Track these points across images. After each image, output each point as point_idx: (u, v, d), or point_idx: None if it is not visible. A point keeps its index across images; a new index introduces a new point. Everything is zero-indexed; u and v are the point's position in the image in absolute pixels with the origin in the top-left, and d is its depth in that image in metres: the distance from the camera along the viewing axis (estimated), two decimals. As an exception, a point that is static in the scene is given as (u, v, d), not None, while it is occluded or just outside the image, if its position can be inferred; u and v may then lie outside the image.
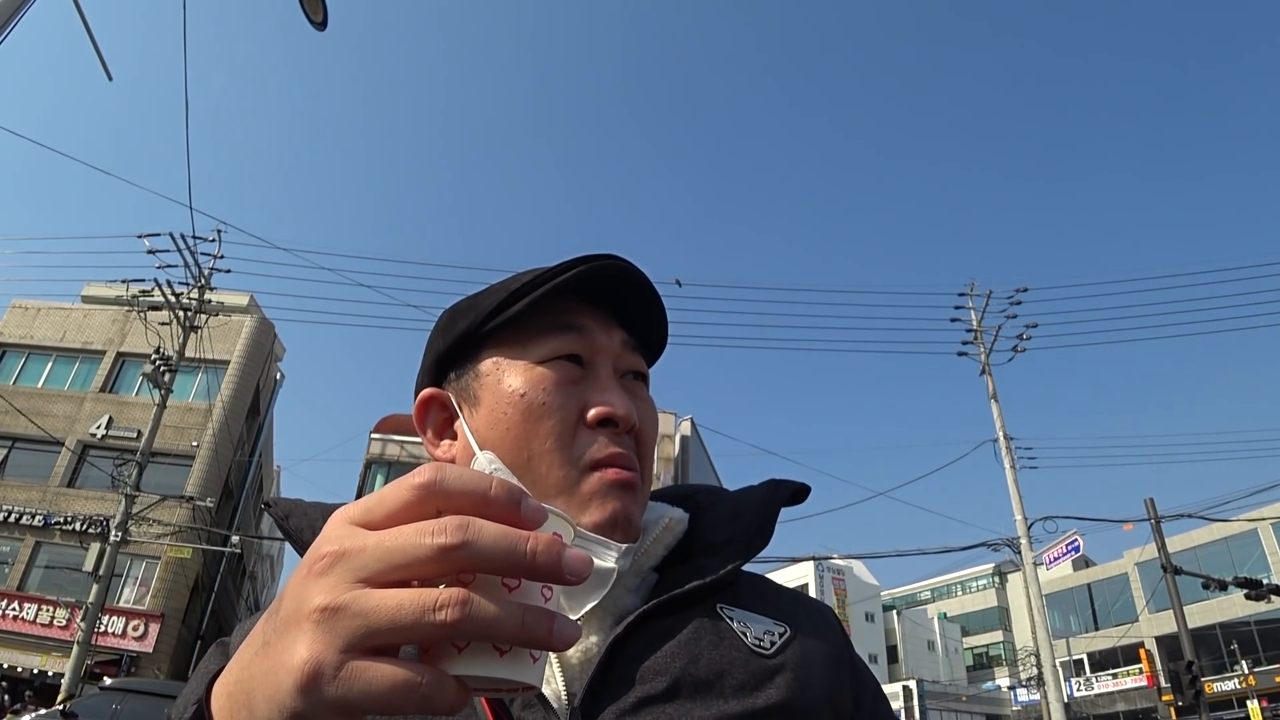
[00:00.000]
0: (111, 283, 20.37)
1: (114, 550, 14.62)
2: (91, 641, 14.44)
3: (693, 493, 0.80)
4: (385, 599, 0.31)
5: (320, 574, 0.33)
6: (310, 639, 0.32)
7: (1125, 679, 33.38)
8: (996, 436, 17.09)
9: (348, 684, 0.31)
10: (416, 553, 0.32)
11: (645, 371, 0.74)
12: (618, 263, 0.68)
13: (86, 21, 6.17)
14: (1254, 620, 29.46)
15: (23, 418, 18.06)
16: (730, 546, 0.70)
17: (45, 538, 20.16)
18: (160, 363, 16.00)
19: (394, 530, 0.33)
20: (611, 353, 0.70)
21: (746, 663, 0.61)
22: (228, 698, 0.36)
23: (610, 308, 0.72)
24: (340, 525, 0.35)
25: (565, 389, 0.67)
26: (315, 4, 5.89)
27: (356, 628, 0.31)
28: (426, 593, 0.31)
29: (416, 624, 0.31)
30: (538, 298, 0.67)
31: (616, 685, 0.58)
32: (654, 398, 0.77)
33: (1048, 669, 15.49)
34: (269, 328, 24.78)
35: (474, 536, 0.32)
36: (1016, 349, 18.18)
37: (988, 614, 50.15)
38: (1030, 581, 16.00)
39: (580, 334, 0.69)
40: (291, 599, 0.34)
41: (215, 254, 17.78)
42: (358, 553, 0.33)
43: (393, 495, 0.35)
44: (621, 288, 0.70)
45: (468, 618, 0.31)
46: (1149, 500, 16.97)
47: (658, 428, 0.74)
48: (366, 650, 0.32)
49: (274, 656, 0.33)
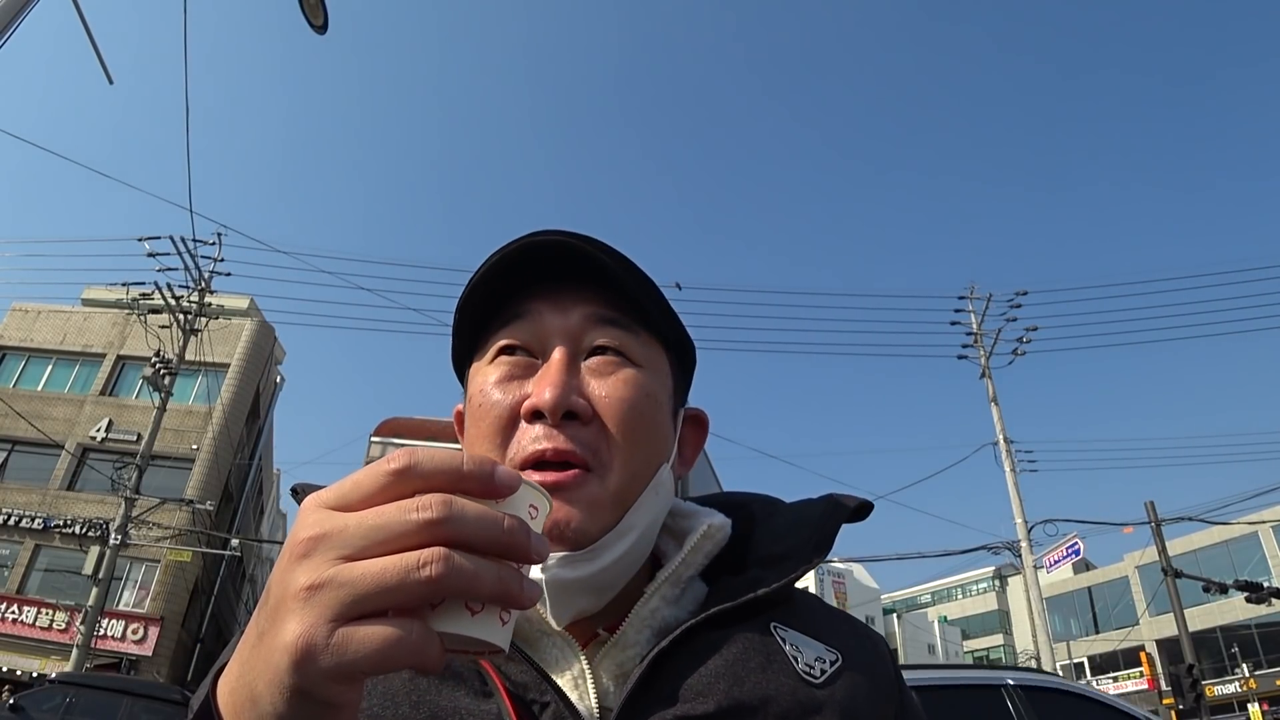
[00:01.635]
0: (112, 286, 20.44)
1: (114, 553, 14.62)
2: (91, 645, 14.43)
3: (747, 501, 0.76)
4: (369, 566, 0.33)
5: (303, 556, 0.34)
6: (299, 616, 0.33)
7: (1126, 682, 33.31)
8: (997, 439, 17.09)
9: (342, 650, 0.32)
10: (401, 528, 0.33)
11: (617, 344, 0.63)
12: (543, 238, 0.61)
13: (87, 24, 6.18)
14: (1255, 623, 29.43)
15: (22, 421, 18.05)
16: (788, 560, 0.65)
17: (45, 541, 20.14)
18: (160, 366, 16.00)
19: (375, 509, 0.34)
20: (567, 333, 0.62)
21: (794, 691, 0.57)
22: (231, 693, 0.37)
23: (576, 281, 0.64)
24: (315, 510, 0.36)
25: (503, 385, 0.62)
26: (316, 8, 5.91)
27: (344, 597, 0.32)
28: (407, 555, 0.33)
29: (402, 584, 0.32)
30: (488, 292, 0.63)
31: (655, 702, 0.55)
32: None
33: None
34: (269, 331, 24.78)
35: (458, 512, 0.34)
36: (1016, 352, 18.20)
37: (988, 617, 50.09)
38: (1031, 585, 15.99)
39: (523, 320, 0.63)
40: (278, 586, 0.35)
41: (215, 257, 17.83)
42: (339, 532, 0.34)
43: (368, 479, 0.36)
44: (576, 260, 0.62)
45: (451, 572, 0.33)
46: (1149, 503, 16.97)
47: (640, 405, 0.62)
48: (354, 619, 0.33)
49: (269, 642, 0.34)
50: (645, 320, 0.65)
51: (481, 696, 0.55)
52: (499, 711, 0.54)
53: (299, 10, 5.87)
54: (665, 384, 0.66)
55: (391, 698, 0.54)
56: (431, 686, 0.55)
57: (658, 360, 0.66)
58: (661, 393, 0.65)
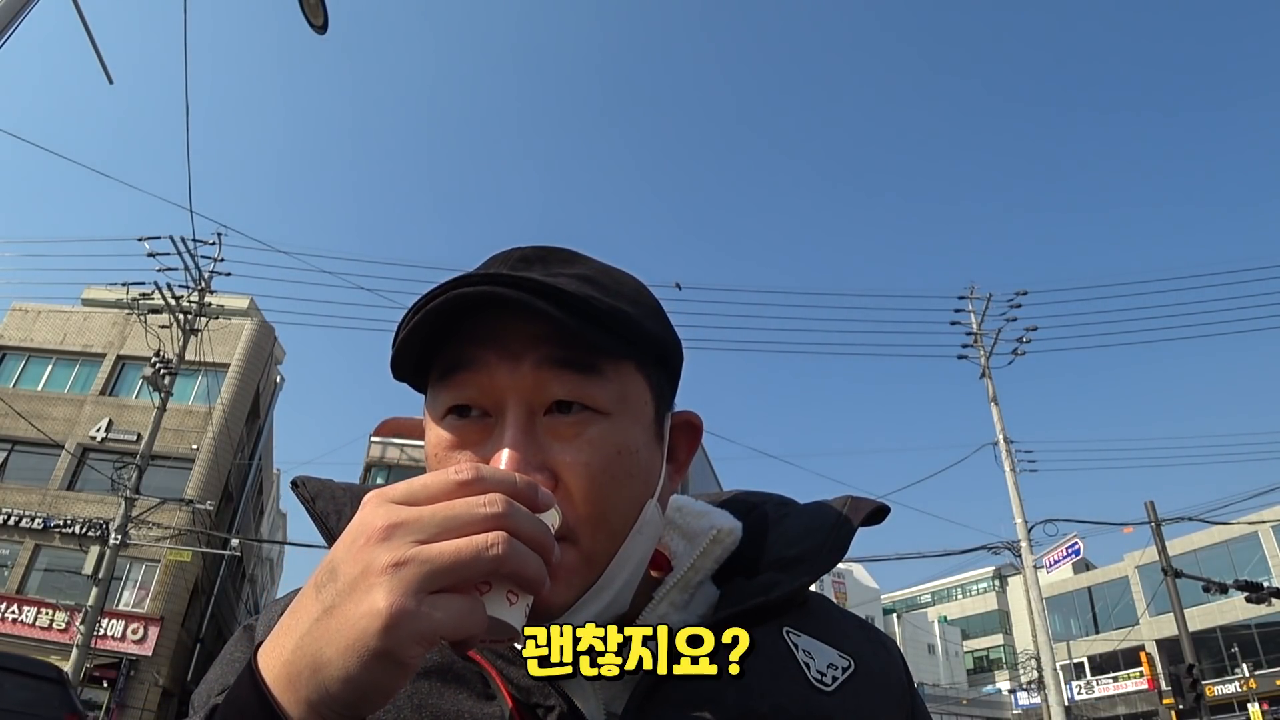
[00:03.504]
0: (112, 286, 20.43)
1: (113, 553, 14.62)
2: (91, 645, 14.43)
3: (760, 502, 0.75)
4: (445, 547, 0.39)
5: (382, 540, 0.39)
6: (387, 588, 0.38)
7: (1126, 682, 33.31)
8: (997, 439, 17.10)
9: (429, 617, 0.37)
10: (470, 518, 0.40)
11: (577, 394, 0.55)
12: (471, 290, 0.53)
13: (87, 24, 6.18)
14: (1255, 623, 29.41)
15: (22, 421, 18.05)
16: (802, 564, 0.65)
17: (45, 541, 20.15)
18: (160, 366, 16.00)
19: (448, 503, 0.41)
20: (520, 389, 0.55)
21: (805, 698, 0.57)
22: (285, 664, 0.39)
23: (525, 317, 0.55)
24: (384, 504, 0.41)
25: (459, 451, 0.56)
26: (316, 8, 5.91)
27: (426, 572, 0.38)
28: (477, 537, 0.39)
29: (475, 560, 0.39)
30: (421, 340, 0.56)
31: (662, 708, 0.54)
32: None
33: (1048, 672, 15.48)
34: (269, 331, 24.79)
35: (516, 510, 0.41)
36: (1016, 352, 18.20)
37: (988, 617, 50.09)
38: (1030, 585, 15.99)
39: (469, 371, 0.55)
40: (355, 564, 0.39)
41: (215, 257, 17.82)
42: (414, 520, 0.40)
43: (437, 484, 0.42)
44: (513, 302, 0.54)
45: (512, 553, 0.40)
46: (1149, 503, 16.97)
47: (610, 465, 0.56)
48: (434, 591, 0.38)
49: (345, 613, 0.38)
50: (609, 351, 0.57)
51: (484, 699, 0.54)
52: (502, 714, 0.53)
53: (299, 10, 5.87)
54: (642, 415, 0.59)
55: (394, 701, 0.53)
56: (434, 689, 0.54)
57: (630, 393, 0.58)
58: (636, 434, 0.58)
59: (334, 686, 0.38)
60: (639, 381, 0.60)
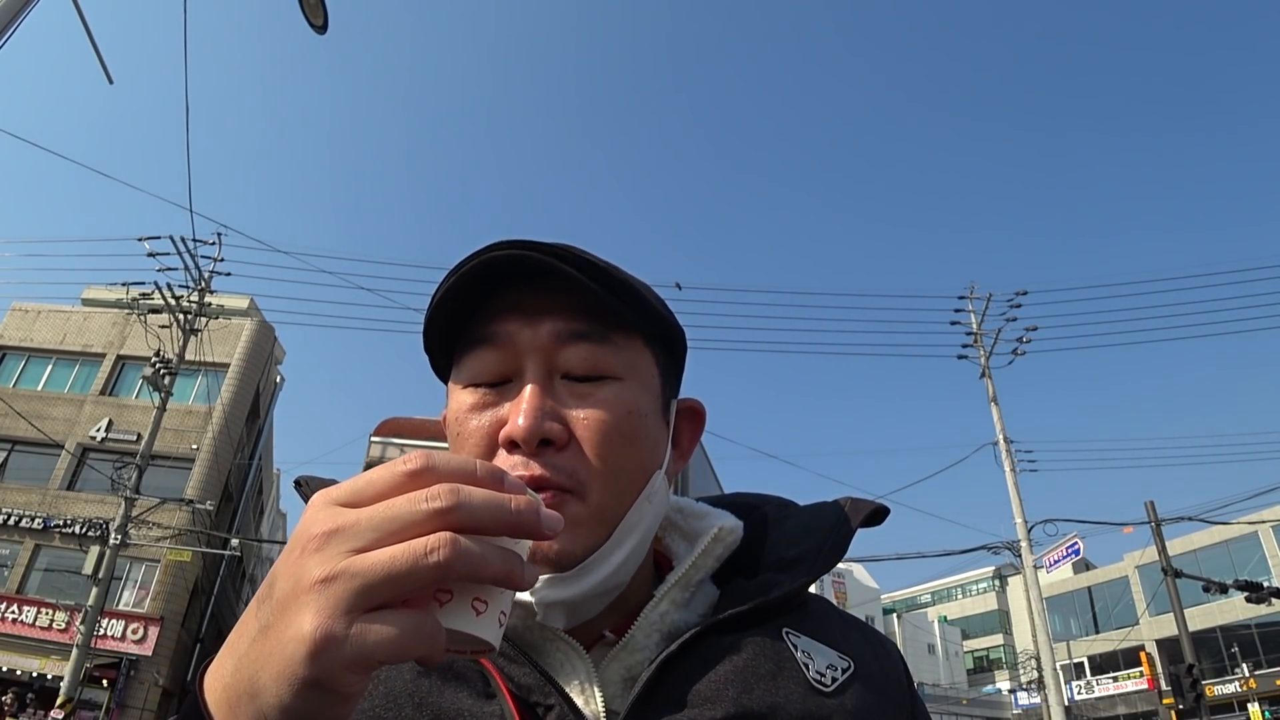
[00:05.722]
0: (111, 285, 20.42)
1: (113, 553, 14.61)
2: (91, 645, 14.41)
3: (760, 503, 0.76)
4: (378, 556, 0.33)
5: (315, 550, 0.34)
6: (315, 607, 0.33)
7: (1126, 682, 33.29)
8: (997, 439, 17.09)
9: (361, 640, 0.33)
10: (411, 518, 0.34)
11: (592, 362, 0.60)
12: (501, 253, 0.58)
13: (87, 24, 6.18)
14: (1255, 623, 29.40)
15: (22, 420, 18.05)
16: (801, 564, 0.65)
17: (45, 541, 20.13)
18: (160, 366, 15.99)
19: (386, 502, 0.35)
20: (539, 350, 0.59)
21: (803, 699, 0.57)
22: (225, 688, 0.36)
23: (545, 288, 0.60)
24: (325, 506, 0.36)
25: (478, 412, 0.60)
26: (316, 8, 5.91)
27: (357, 587, 0.33)
28: (416, 542, 0.33)
29: (412, 570, 0.33)
30: (451, 310, 0.61)
31: (662, 707, 0.54)
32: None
33: (1048, 672, 15.47)
34: (269, 331, 24.77)
35: (466, 498, 0.35)
36: (1016, 352, 18.19)
37: (988, 617, 50.09)
38: (1030, 585, 15.98)
39: (493, 344, 0.60)
40: (287, 579, 0.35)
41: (215, 257, 17.81)
42: (351, 526, 0.35)
43: (383, 478, 0.37)
44: (539, 269, 0.59)
45: (458, 555, 0.34)
46: (1149, 503, 16.96)
47: (621, 424, 0.59)
48: (369, 609, 0.33)
49: (277, 634, 0.34)
50: (621, 322, 0.61)
51: (484, 698, 0.54)
52: (502, 713, 0.53)
53: (299, 10, 5.87)
54: (651, 386, 0.63)
55: (394, 699, 0.54)
56: (434, 688, 0.55)
57: (640, 364, 0.63)
58: (646, 400, 0.62)
59: (271, 715, 0.34)
60: (646, 355, 0.64)
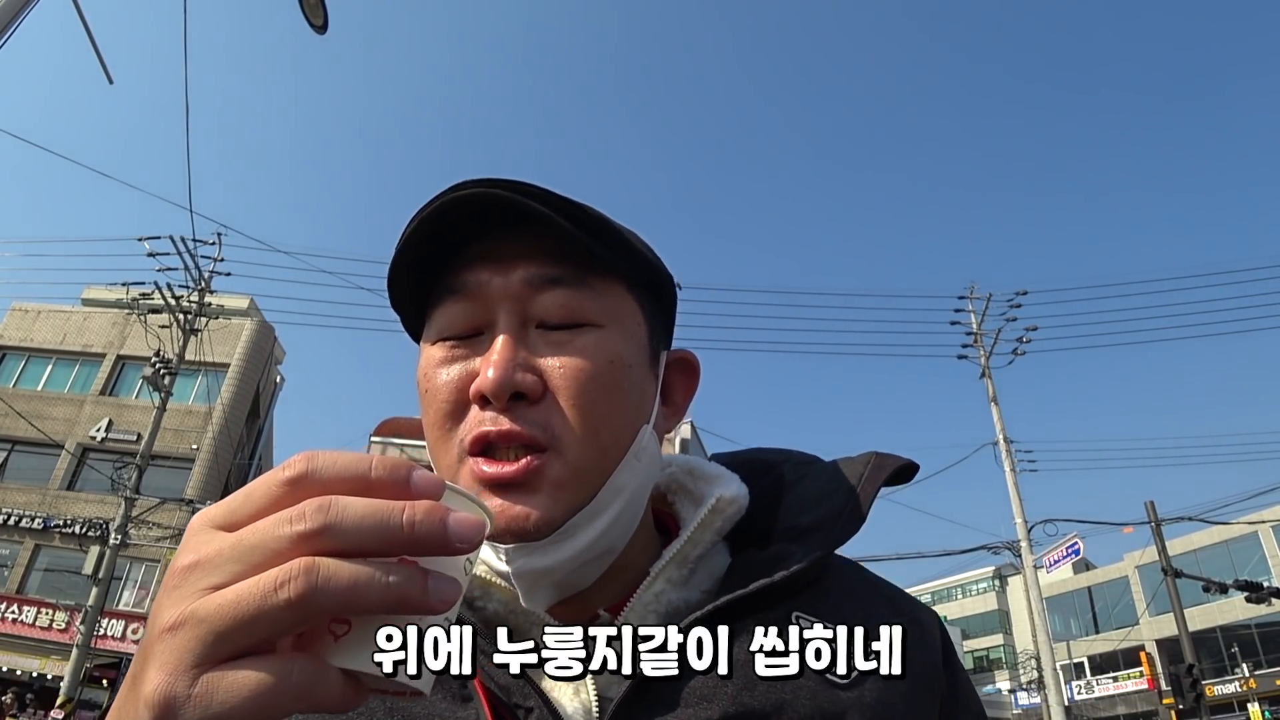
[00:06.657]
0: (112, 285, 20.43)
1: (114, 553, 14.61)
2: (91, 645, 14.41)
3: (781, 461, 0.68)
4: (224, 596, 0.28)
5: (173, 588, 0.29)
6: (159, 662, 0.28)
7: (1126, 682, 33.29)
8: (996, 439, 17.08)
9: (206, 701, 0.27)
10: (275, 545, 0.28)
11: (568, 308, 0.54)
12: (465, 193, 0.52)
13: (87, 24, 6.18)
14: (1255, 623, 29.40)
15: (22, 420, 18.05)
16: (816, 533, 0.58)
17: (45, 541, 20.14)
18: (160, 366, 15.99)
19: (252, 526, 0.29)
20: (510, 297, 0.54)
21: (813, 694, 0.50)
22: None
23: (516, 231, 0.55)
24: (199, 532, 0.31)
25: (448, 366, 0.54)
26: (316, 8, 5.91)
27: (202, 636, 0.27)
28: (265, 575, 0.27)
29: (260, 612, 0.27)
30: (417, 259, 0.55)
31: (654, 706, 0.49)
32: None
33: (1048, 672, 15.48)
34: (269, 331, 24.78)
35: (336, 516, 0.28)
36: (1016, 352, 18.19)
37: (988, 617, 50.06)
38: (1030, 585, 15.98)
39: (463, 295, 0.55)
40: (150, 622, 0.30)
41: (215, 257, 17.81)
42: (212, 558, 0.29)
43: (260, 490, 0.31)
44: (509, 211, 0.53)
45: (316, 588, 0.27)
46: (1149, 503, 16.96)
47: (601, 374, 0.53)
48: (222, 659, 0.28)
49: (135, 691, 0.29)
50: (600, 266, 0.56)
51: (460, 702, 0.50)
52: (479, 717, 0.49)
53: (299, 10, 5.87)
54: (635, 335, 0.57)
55: (365, 704, 0.51)
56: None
57: (622, 310, 0.57)
58: (629, 349, 0.56)
59: None
60: (630, 302, 0.58)
